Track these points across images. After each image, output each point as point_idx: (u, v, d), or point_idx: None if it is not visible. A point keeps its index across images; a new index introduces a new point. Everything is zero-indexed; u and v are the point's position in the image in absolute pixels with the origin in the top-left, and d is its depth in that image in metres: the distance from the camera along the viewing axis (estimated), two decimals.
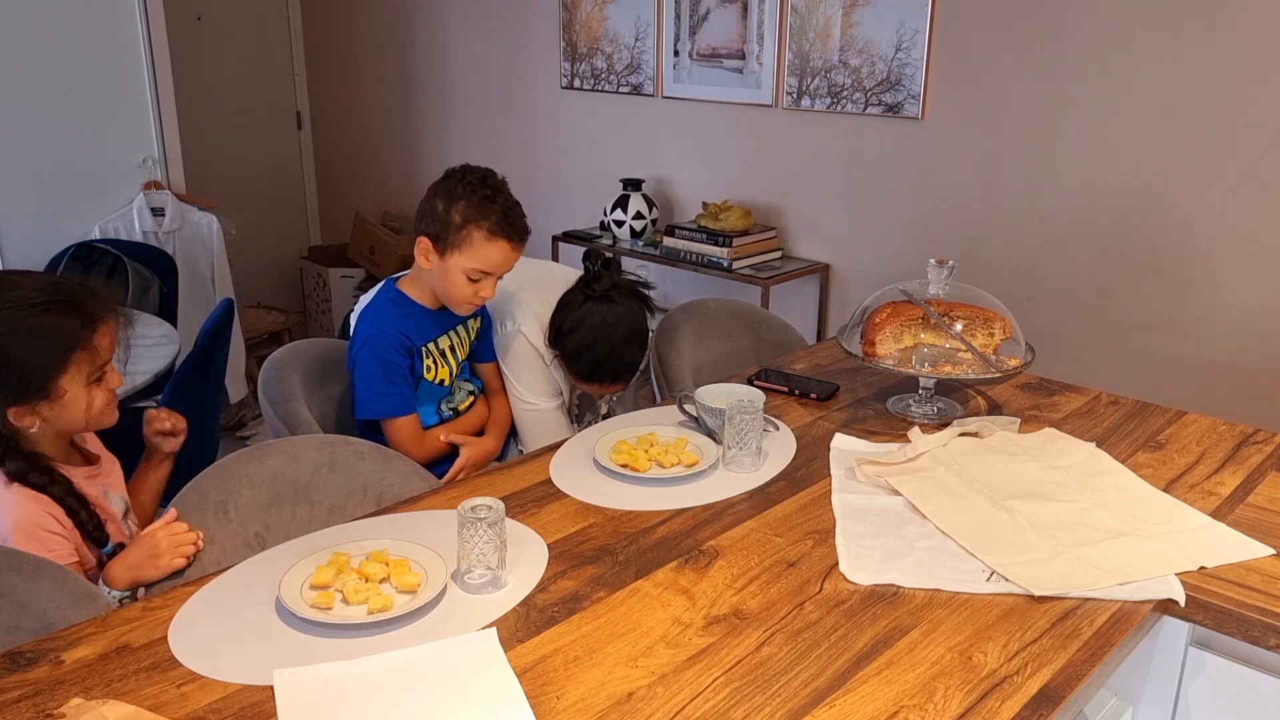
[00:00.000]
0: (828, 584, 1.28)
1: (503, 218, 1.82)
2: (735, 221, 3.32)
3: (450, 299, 1.88)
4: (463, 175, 1.85)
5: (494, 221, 1.81)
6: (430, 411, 1.98)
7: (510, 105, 4.18)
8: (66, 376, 1.44)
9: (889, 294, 1.85)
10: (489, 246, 1.82)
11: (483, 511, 1.23)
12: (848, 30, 3.13)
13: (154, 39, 3.52)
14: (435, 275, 1.87)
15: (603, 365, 2.00)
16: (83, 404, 1.47)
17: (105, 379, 1.50)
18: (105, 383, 1.50)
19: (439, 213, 1.83)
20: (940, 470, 1.58)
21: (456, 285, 1.85)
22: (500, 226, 1.82)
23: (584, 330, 1.99)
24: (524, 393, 2.08)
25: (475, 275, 1.83)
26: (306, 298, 4.79)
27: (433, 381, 1.94)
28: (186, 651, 1.13)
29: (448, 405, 2.01)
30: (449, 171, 1.88)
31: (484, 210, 1.81)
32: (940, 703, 1.06)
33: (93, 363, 1.46)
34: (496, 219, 1.81)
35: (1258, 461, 1.65)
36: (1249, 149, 2.53)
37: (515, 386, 2.08)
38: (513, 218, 1.84)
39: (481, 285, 1.85)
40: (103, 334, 1.47)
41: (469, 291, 1.85)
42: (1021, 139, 2.89)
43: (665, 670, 1.11)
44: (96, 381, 1.48)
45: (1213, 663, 1.31)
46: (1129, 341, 2.82)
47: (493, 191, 1.84)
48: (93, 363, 1.46)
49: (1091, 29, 2.71)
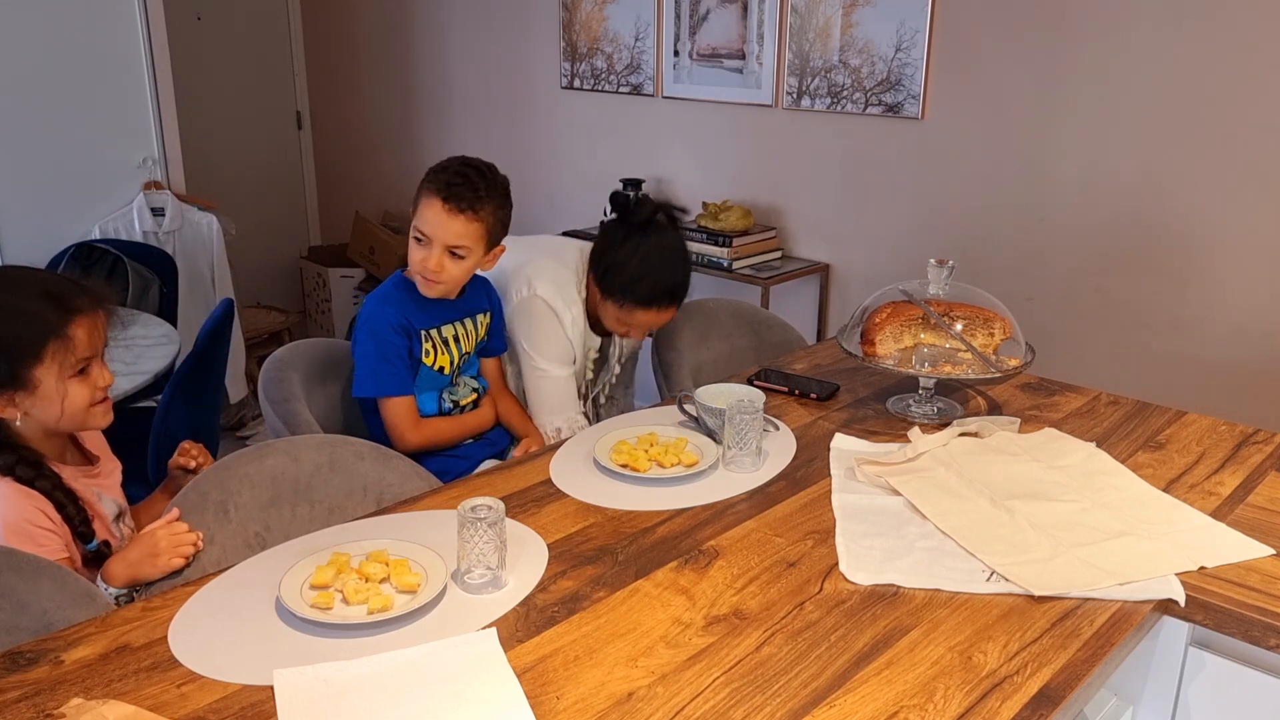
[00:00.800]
0: (828, 584, 1.28)
1: (445, 181, 1.83)
2: (735, 221, 3.32)
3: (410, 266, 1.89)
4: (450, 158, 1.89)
5: (436, 183, 1.83)
6: (430, 399, 1.97)
7: (510, 105, 4.18)
8: (41, 367, 1.43)
9: (889, 294, 1.85)
10: (424, 204, 1.84)
11: (483, 511, 1.23)
12: (848, 30, 3.13)
13: (154, 39, 3.52)
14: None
15: (662, 286, 2.02)
16: (58, 397, 1.45)
17: (89, 375, 1.48)
18: (89, 379, 1.48)
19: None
20: (940, 470, 1.58)
21: (410, 248, 1.86)
22: (437, 186, 1.83)
23: (637, 258, 2.01)
24: (539, 359, 2.07)
25: (418, 235, 1.85)
26: (306, 298, 4.79)
27: (431, 368, 1.93)
28: (186, 651, 1.13)
29: (449, 396, 2.00)
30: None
31: (433, 175, 1.85)
32: (940, 703, 1.06)
33: (70, 355, 1.44)
34: (439, 180, 1.84)
35: (1258, 461, 1.65)
36: (1249, 149, 2.53)
37: (530, 355, 2.07)
38: (457, 181, 1.84)
39: (425, 252, 1.84)
40: (80, 326, 1.45)
41: (416, 257, 1.85)
42: (1021, 139, 2.89)
43: (665, 670, 1.11)
44: (77, 375, 1.46)
45: (1213, 663, 1.31)
46: (1129, 341, 2.82)
47: (453, 161, 1.87)
48: (70, 355, 1.44)
49: (1091, 29, 2.71)
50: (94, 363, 1.49)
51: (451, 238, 1.84)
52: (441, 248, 1.84)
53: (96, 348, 1.49)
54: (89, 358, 1.48)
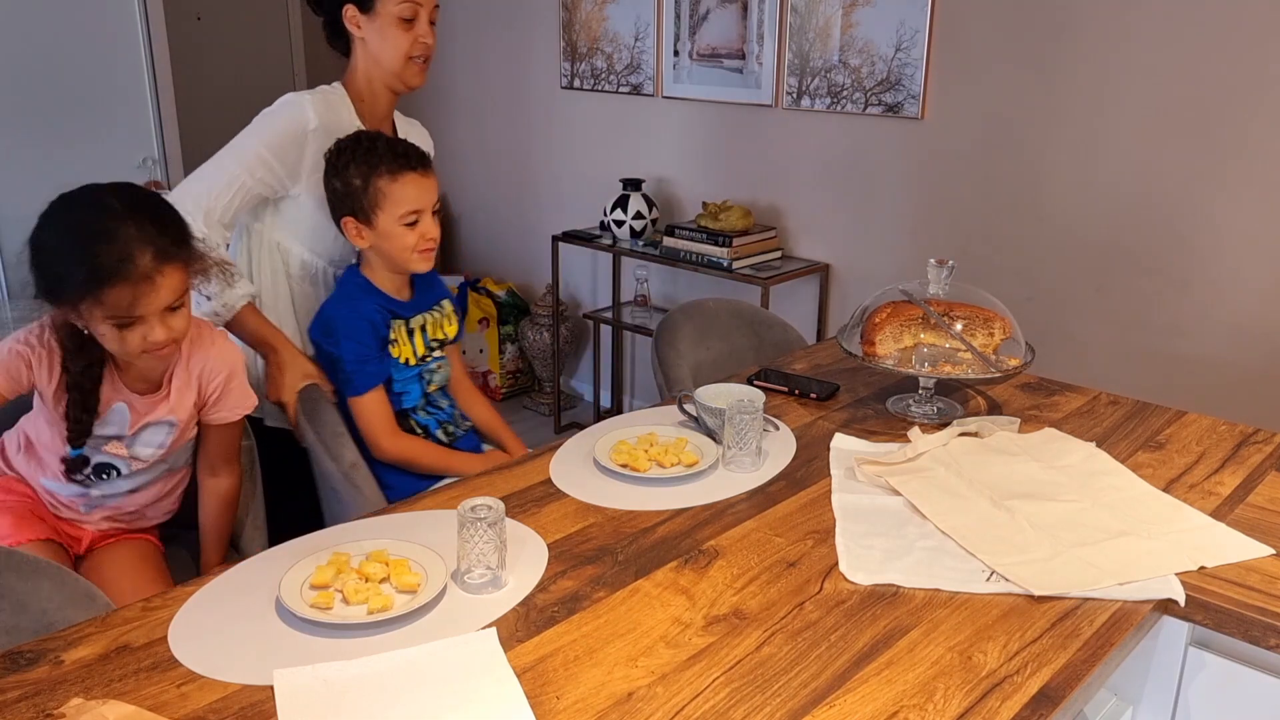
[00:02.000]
0: (828, 584, 1.28)
1: (393, 156, 1.82)
2: (735, 221, 3.32)
3: (403, 259, 1.86)
4: (337, 148, 1.85)
5: (389, 162, 1.82)
6: (414, 387, 1.95)
7: (510, 105, 4.18)
8: (84, 307, 1.45)
9: (889, 294, 1.85)
10: (397, 186, 1.81)
11: (483, 511, 1.23)
12: (848, 30, 3.13)
13: (154, 39, 3.52)
14: (379, 247, 1.85)
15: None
16: (107, 339, 1.49)
17: (141, 327, 1.48)
18: (139, 330, 1.48)
19: (341, 190, 1.83)
20: (940, 470, 1.58)
21: (400, 239, 1.84)
22: (396, 163, 1.82)
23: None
24: None
25: (408, 219, 1.83)
26: None
27: (397, 359, 1.91)
28: (186, 651, 1.13)
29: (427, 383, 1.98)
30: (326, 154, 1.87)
31: (371, 160, 1.82)
32: (940, 703, 1.06)
33: (107, 313, 1.45)
34: (389, 159, 1.82)
35: (1258, 461, 1.65)
36: (1249, 149, 2.54)
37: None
38: (402, 149, 1.84)
39: (422, 226, 1.84)
40: (118, 292, 1.43)
41: (414, 238, 1.84)
42: (1021, 139, 2.89)
43: (665, 670, 1.11)
44: (124, 327, 1.47)
45: (1213, 663, 1.31)
46: (1129, 341, 2.82)
47: (371, 141, 1.85)
48: (107, 313, 1.45)
49: (1091, 29, 2.71)
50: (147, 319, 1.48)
51: (434, 197, 1.87)
52: (430, 213, 1.86)
53: (148, 311, 1.47)
54: (132, 317, 1.47)
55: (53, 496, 1.66)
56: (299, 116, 1.93)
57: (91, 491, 1.66)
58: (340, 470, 1.77)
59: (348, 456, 1.79)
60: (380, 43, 1.95)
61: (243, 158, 1.92)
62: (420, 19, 1.96)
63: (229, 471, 1.77)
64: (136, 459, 1.65)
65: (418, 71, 2.00)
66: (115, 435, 1.62)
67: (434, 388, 2.01)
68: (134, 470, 1.66)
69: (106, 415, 1.60)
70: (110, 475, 1.65)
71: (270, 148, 1.91)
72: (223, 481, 1.77)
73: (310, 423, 1.83)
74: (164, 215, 1.51)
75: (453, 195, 4.54)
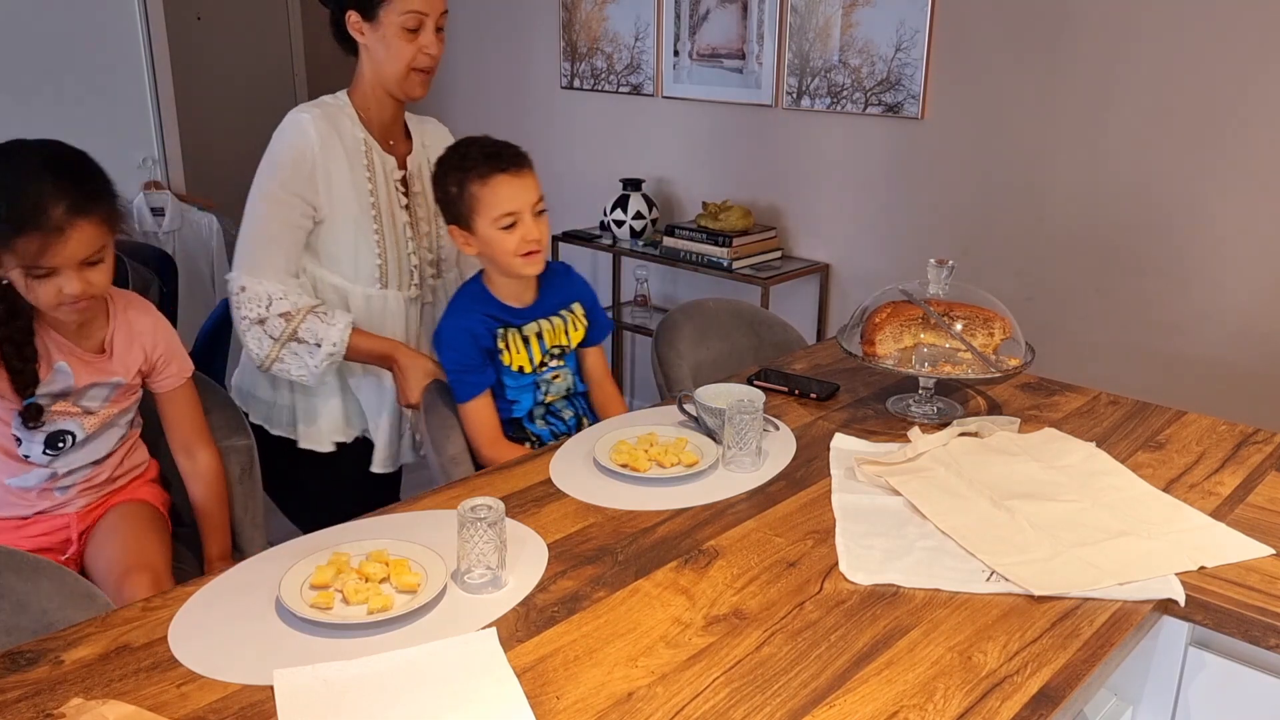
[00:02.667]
0: (828, 584, 1.28)
1: (484, 158, 1.79)
2: (735, 221, 3.32)
3: (506, 263, 1.83)
4: (440, 158, 1.85)
5: (479, 165, 1.79)
6: (527, 396, 1.91)
7: (510, 105, 4.18)
8: (6, 254, 1.47)
9: (889, 294, 1.85)
10: (489, 189, 1.78)
11: (483, 511, 1.23)
12: (848, 30, 3.13)
13: (154, 39, 3.52)
14: (485, 254, 1.84)
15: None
16: (23, 289, 1.50)
17: (56, 279, 1.49)
18: (56, 284, 1.49)
19: (443, 199, 1.83)
20: (940, 470, 1.58)
21: (501, 243, 1.80)
22: (486, 165, 1.79)
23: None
24: None
25: (505, 222, 1.79)
26: None
27: (510, 368, 1.88)
28: (186, 651, 1.13)
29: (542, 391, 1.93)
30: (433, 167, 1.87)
31: (465, 165, 1.80)
32: (940, 703, 1.06)
33: (20, 261, 1.47)
34: (479, 162, 1.79)
35: (1258, 461, 1.65)
36: (1249, 149, 2.53)
37: None
38: (493, 150, 1.80)
39: (521, 228, 1.79)
40: (29, 240, 1.45)
41: (515, 242, 1.79)
42: (1021, 139, 2.89)
43: (665, 670, 1.11)
44: (39, 277, 1.48)
45: (1213, 663, 1.31)
46: (1129, 341, 2.82)
47: (466, 145, 1.83)
48: (20, 261, 1.47)
49: (1091, 29, 2.71)
50: (62, 270, 1.49)
51: (533, 196, 1.81)
52: (530, 213, 1.80)
53: (62, 262, 1.48)
54: (46, 267, 1.48)
55: (22, 496, 1.65)
56: (300, 141, 1.90)
57: (57, 468, 1.65)
58: (440, 461, 1.84)
59: (450, 450, 1.85)
60: (384, 52, 1.91)
61: (270, 203, 1.90)
62: (425, 28, 1.91)
63: (203, 447, 1.78)
64: (88, 412, 1.65)
65: (420, 83, 1.95)
66: (62, 392, 1.62)
67: (551, 398, 1.95)
68: (89, 433, 1.66)
69: (51, 375, 1.60)
70: (68, 442, 1.64)
71: (285, 186, 1.89)
72: (201, 460, 1.77)
73: (426, 415, 1.88)
74: (84, 170, 1.54)
75: None
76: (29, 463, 1.63)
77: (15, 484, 1.64)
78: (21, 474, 1.63)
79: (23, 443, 1.61)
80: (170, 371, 1.74)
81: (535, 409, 1.93)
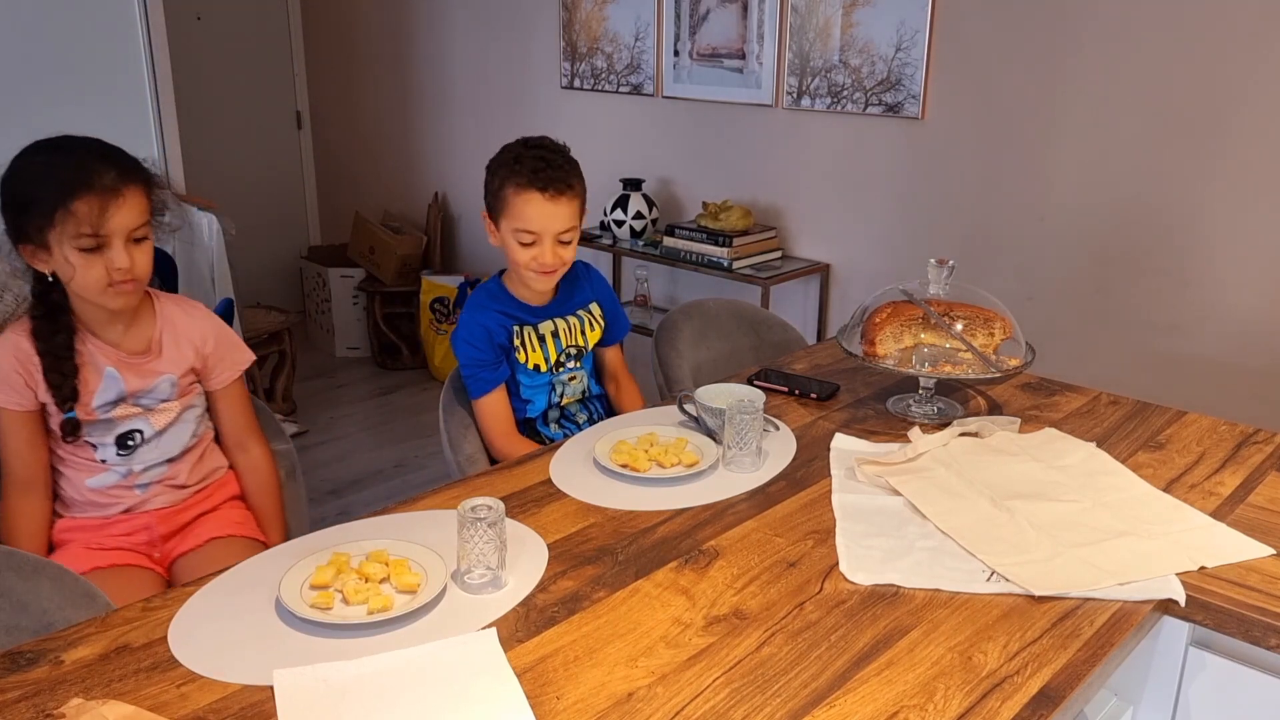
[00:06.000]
0: (828, 584, 1.28)
1: (532, 170, 1.77)
2: (735, 221, 3.32)
3: (514, 269, 1.85)
4: (509, 145, 1.84)
5: (522, 175, 1.77)
6: (541, 395, 1.92)
7: (510, 105, 4.18)
8: (52, 232, 1.49)
9: (889, 294, 1.85)
10: (519, 201, 1.78)
11: (483, 511, 1.23)
12: (848, 30, 3.13)
13: (154, 39, 3.52)
14: (505, 253, 1.84)
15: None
16: (69, 267, 1.51)
17: (102, 253, 1.51)
18: (102, 257, 1.51)
19: (488, 185, 1.84)
20: (940, 470, 1.58)
21: (513, 251, 1.81)
22: (529, 178, 1.77)
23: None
24: None
25: (524, 238, 1.79)
26: (306, 297, 4.79)
27: (525, 365, 1.88)
28: (186, 651, 1.13)
29: (558, 390, 1.94)
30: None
31: (514, 168, 1.79)
32: (940, 703, 1.06)
33: (75, 228, 1.48)
34: (526, 172, 1.77)
35: (1258, 461, 1.65)
36: (1249, 149, 2.53)
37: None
38: (543, 168, 1.77)
39: (537, 249, 1.79)
40: (87, 202, 1.48)
41: (526, 257, 1.80)
42: (1021, 139, 2.89)
43: (665, 670, 1.11)
44: (88, 250, 1.50)
45: (1213, 663, 1.31)
46: (1129, 341, 2.82)
47: (524, 148, 1.81)
48: (75, 228, 1.48)
49: (1092, 29, 2.71)
50: (110, 241, 1.51)
51: (559, 225, 1.80)
52: (552, 239, 1.80)
53: (108, 227, 1.50)
54: (97, 234, 1.49)
55: (103, 495, 1.67)
56: None
57: (133, 466, 1.67)
58: (456, 460, 1.87)
59: (466, 449, 1.88)
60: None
61: None
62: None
63: (257, 442, 1.80)
64: (150, 410, 1.66)
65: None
66: (118, 398, 1.63)
67: (567, 400, 1.95)
68: (158, 429, 1.67)
69: (102, 384, 1.61)
70: (138, 439, 1.66)
71: None
72: (254, 454, 1.79)
73: (444, 415, 1.90)
74: (125, 152, 1.57)
75: (452, 195, 4.54)
76: (105, 465, 1.65)
77: (94, 483, 1.66)
78: (99, 474, 1.66)
79: (97, 447, 1.64)
80: (225, 367, 1.75)
81: (550, 411, 1.93)
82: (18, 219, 1.51)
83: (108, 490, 1.67)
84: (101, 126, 3.45)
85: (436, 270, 4.46)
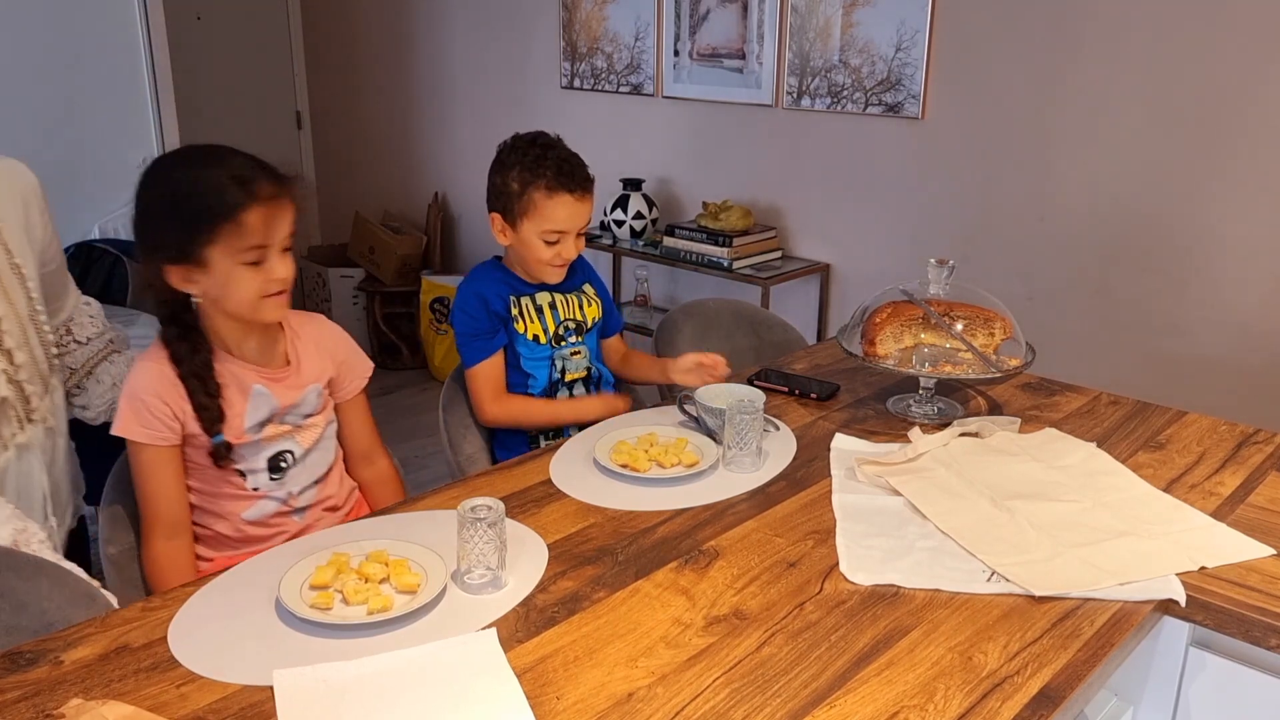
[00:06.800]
0: (828, 584, 1.28)
1: (558, 172, 1.81)
2: (735, 221, 3.32)
3: (535, 267, 1.87)
4: (513, 144, 1.86)
5: (550, 178, 1.81)
6: (542, 369, 1.92)
7: (510, 105, 4.18)
8: (214, 248, 1.42)
9: (889, 294, 1.85)
10: (551, 204, 1.81)
11: (483, 511, 1.23)
12: (848, 30, 3.13)
13: (154, 39, 3.52)
14: (516, 250, 1.88)
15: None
16: (229, 281, 1.44)
17: (262, 265, 1.45)
18: (262, 270, 1.45)
19: (499, 186, 1.85)
20: (940, 470, 1.58)
21: (536, 250, 1.84)
22: (558, 180, 1.81)
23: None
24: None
25: (550, 237, 1.83)
26: (306, 297, 4.79)
27: (525, 336, 1.89)
28: (186, 651, 1.13)
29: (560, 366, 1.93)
30: (500, 145, 1.88)
31: (537, 170, 1.81)
32: (940, 703, 1.06)
33: (241, 240, 1.41)
34: (552, 174, 1.81)
35: (1258, 461, 1.65)
36: (1249, 149, 2.53)
37: None
38: (568, 169, 1.83)
39: (561, 245, 1.84)
40: (255, 213, 1.41)
41: (550, 254, 1.84)
42: (1021, 139, 2.89)
43: (665, 670, 1.11)
44: (250, 264, 1.44)
45: (1213, 663, 1.31)
46: (1129, 341, 2.82)
47: (543, 150, 1.84)
48: (241, 240, 1.41)
49: (1092, 29, 2.71)
50: (270, 253, 1.45)
51: (584, 221, 1.86)
52: (573, 234, 1.85)
53: (273, 238, 1.45)
54: (262, 246, 1.44)
55: (262, 527, 1.57)
56: None
57: (290, 489, 1.58)
58: (456, 460, 1.88)
59: (466, 449, 1.88)
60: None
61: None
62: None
63: (382, 454, 1.75)
64: (298, 427, 1.58)
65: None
66: (269, 416, 1.55)
67: (570, 376, 1.95)
68: (307, 448, 1.59)
69: (252, 401, 1.53)
70: (289, 461, 1.57)
71: None
72: (380, 467, 1.74)
73: (445, 415, 1.91)
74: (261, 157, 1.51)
75: (452, 195, 4.54)
76: (259, 493, 1.56)
77: (251, 515, 1.56)
78: (255, 504, 1.56)
79: (247, 475, 1.54)
80: (354, 375, 1.68)
81: (552, 387, 1.93)
82: (177, 236, 1.42)
83: (268, 520, 1.57)
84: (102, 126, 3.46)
85: (436, 270, 4.46)
